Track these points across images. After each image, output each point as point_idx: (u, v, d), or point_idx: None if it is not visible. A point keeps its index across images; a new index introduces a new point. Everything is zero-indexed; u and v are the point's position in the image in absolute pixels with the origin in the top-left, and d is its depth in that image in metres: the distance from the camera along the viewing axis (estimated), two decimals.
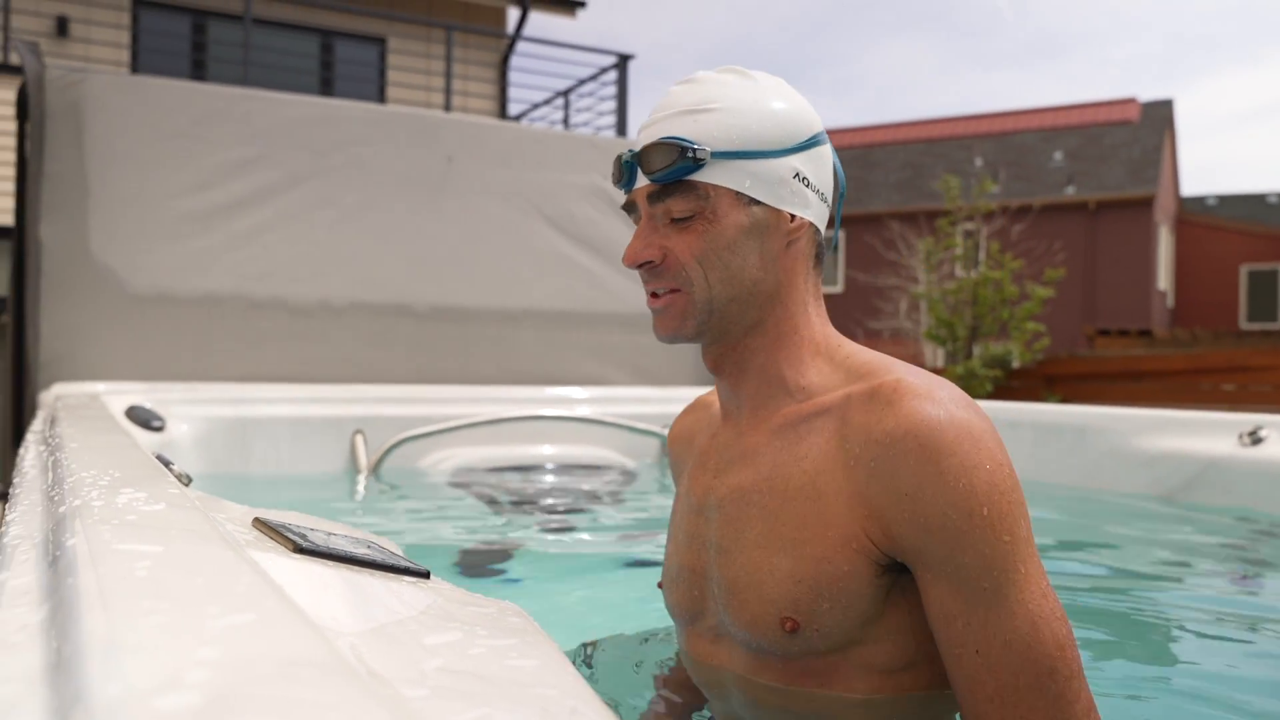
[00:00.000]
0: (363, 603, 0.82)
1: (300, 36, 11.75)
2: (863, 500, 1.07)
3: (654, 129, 1.17)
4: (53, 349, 3.77)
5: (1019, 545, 1.03)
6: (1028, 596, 1.03)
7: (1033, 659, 1.01)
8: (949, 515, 1.01)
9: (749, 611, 1.13)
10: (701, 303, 1.17)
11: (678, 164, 1.13)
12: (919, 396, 1.06)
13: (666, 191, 1.15)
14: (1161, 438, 3.35)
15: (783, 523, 1.12)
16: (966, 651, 1.03)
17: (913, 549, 1.05)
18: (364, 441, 3.73)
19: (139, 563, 0.60)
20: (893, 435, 1.05)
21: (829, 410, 1.14)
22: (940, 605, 1.04)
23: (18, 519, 0.90)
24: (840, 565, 1.07)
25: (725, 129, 1.14)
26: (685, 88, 1.19)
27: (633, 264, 1.18)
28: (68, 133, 3.85)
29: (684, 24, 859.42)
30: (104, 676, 0.41)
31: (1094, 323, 21.13)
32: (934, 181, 20.51)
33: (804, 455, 1.13)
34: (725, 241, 1.15)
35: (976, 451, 1.03)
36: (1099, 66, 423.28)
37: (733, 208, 1.15)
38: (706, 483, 1.25)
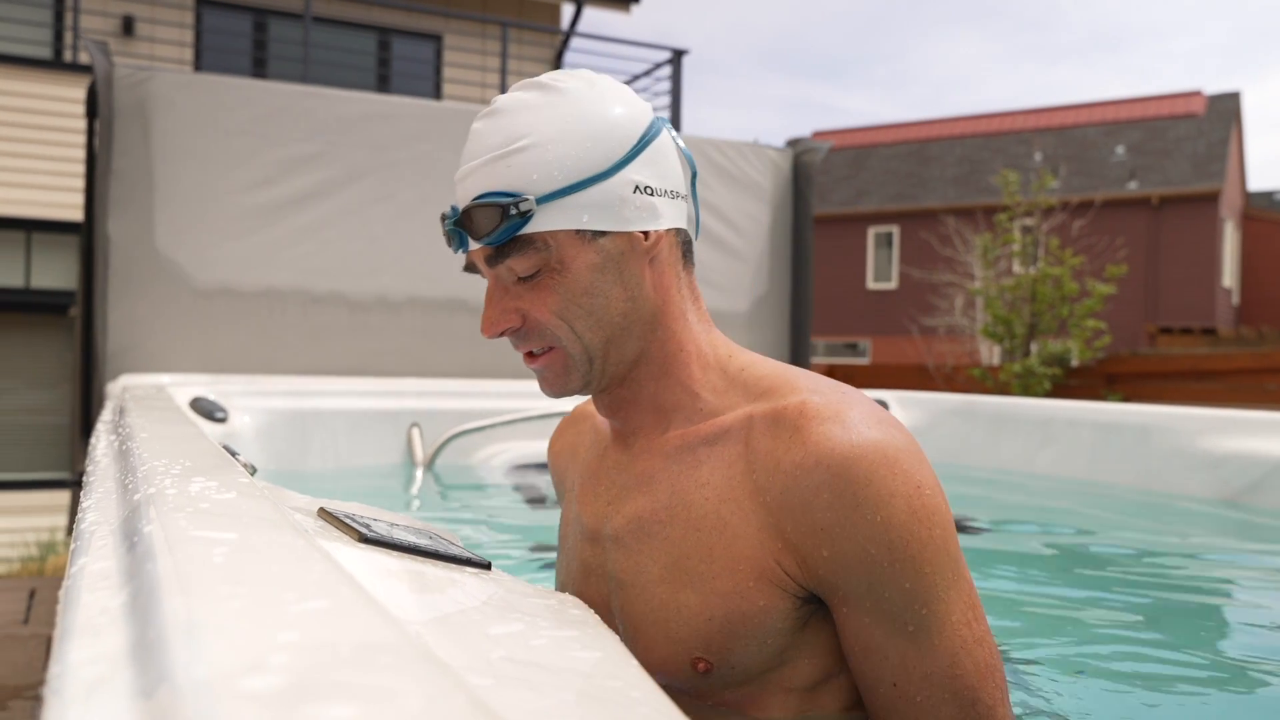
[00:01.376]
0: (427, 592, 0.83)
1: (358, 34, 11.89)
2: (775, 532, 0.99)
3: (469, 183, 1.06)
4: (120, 341, 3.86)
5: (943, 572, 0.97)
6: (950, 627, 0.97)
7: (954, 691, 0.97)
8: (868, 550, 0.95)
9: (657, 653, 1.05)
10: (578, 356, 1.08)
11: (504, 223, 1.02)
12: (826, 420, 0.98)
13: (502, 252, 1.05)
14: (1226, 438, 3.27)
15: (688, 556, 1.03)
16: (883, 683, 0.98)
17: (830, 583, 0.98)
18: (420, 435, 3.77)
19: (215, 549, 0.61)
20: (801, 466, 0.97)
21: (729, 432, 1.05)
22: (858, 638, 0.99)
23: (94, 506, 0.92)
24: (754, 600, 0.99)
25: (544, 167, 1.03)
26: (488, 124, 1.06)
27: (492, 334, 1.08)
28: (135, 130, 3.94)
29: (738, 18, 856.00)
30: (189, 658, 0.42)
31: (1156, 320, 20.72)
32: (992, 177, 20.24)
33: (705, 482, 1.04)
34: (581, 287, 1.06)
35: (893, 477, 0.95)
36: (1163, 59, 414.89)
37: (578, 249, 1.05)
38: (600, 510, 1.16)
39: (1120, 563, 2.48)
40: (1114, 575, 2.34)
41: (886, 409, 1.13)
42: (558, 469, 1.38)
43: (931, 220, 21.78)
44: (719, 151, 5.10)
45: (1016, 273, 13.65)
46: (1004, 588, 2.22)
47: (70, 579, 0.67)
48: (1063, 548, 2.75)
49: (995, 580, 2.29)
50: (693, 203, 1.15)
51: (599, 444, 1.22)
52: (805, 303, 5.31)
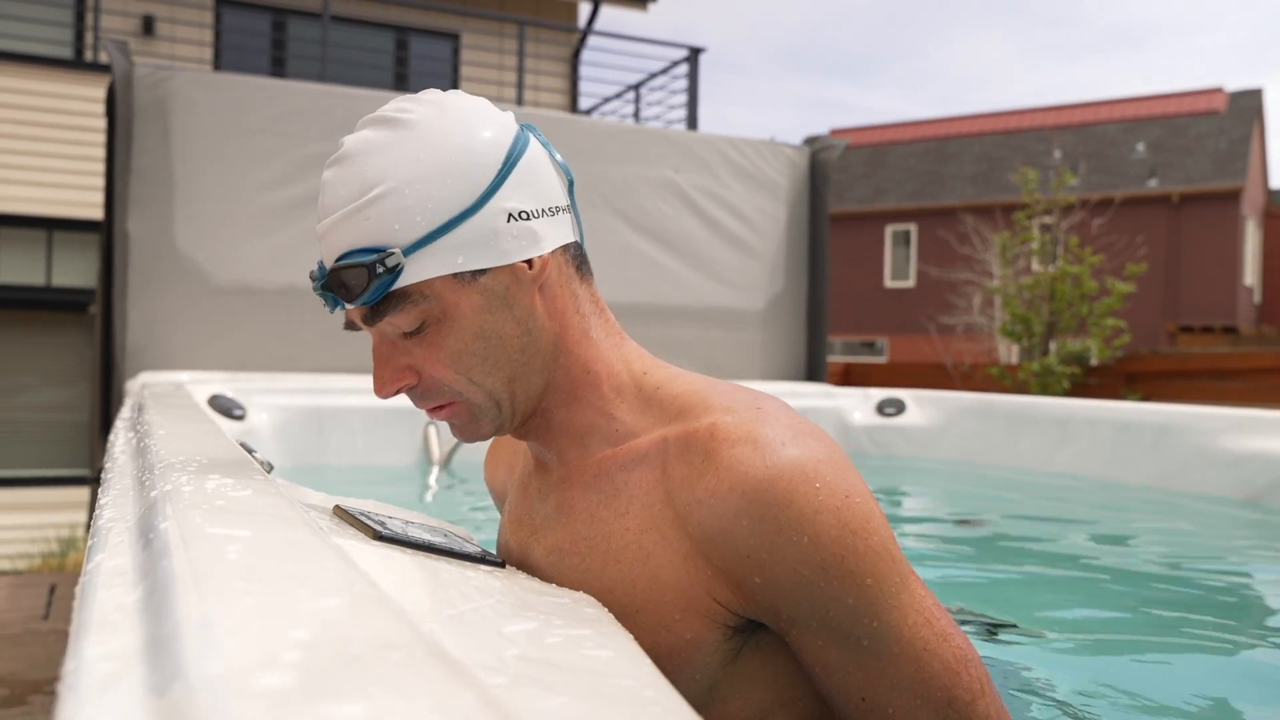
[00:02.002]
0: (441, 590, 0.83)
1: (376, 33, 11.94)
2: (703, 561, 0.93)
3: (330, 242, 0.99)
4: (139, 339, 3.89)
5: (886, 579, 0.92)
6: (907, 632, 0.92)
7: (926, 694, 0.93)
8: (801, 572, 0.89)
9: None
10: (483, 403, 1.03)
11: (373, 282, 0.95)
12: (737, 442, 0.92)
13: (379, 310, 0.98)
14: (1247, 438, 3.24)
15: (608, 589, 0.97)
16: (852, 699, 0.94)
17: (771, 607, 0.93)
18: (437, 433, 3.78)
19: (230, 546, 0.62)
20: (715, 494, 0.91)
21: (646, 456, 1.00)
22: (815, 659, 0.94)
23: (111, 502, 0.92)
24: (680, 634, 0.94)
25: (404, 214, 0.95)
26: (339, 172, 0.99)
27: (387, 395, 1.02)
28: (155, 129, 3.96)
29: (756, 16, 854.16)
30: (202, 655, 0.42)
31: (1177, 319, 20.57)
32: (1010, 174, 20.13)
33: (625, 510, 0.99)
34: (471, 333, 0.99)
35: (815, 494, 0.90)
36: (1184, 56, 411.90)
37: (459, 293, 0.98)
38: (523, 540, 1.11)
39: (1139, 562, 2.47)
40: (1132, 575, 2.33)
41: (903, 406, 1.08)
42: (495, 483, 1.34)
43: (950, 218, 21.69)
44: (735, 150, 5.09)
45: (1035, 271, 13.58)
46: (1021, 586, 2.21)
47: (86, 575, 0.67)
48: (1081, 547, 2.73)
49: (1012, 579, 2.28)
50: (574, 210, 1.08)
51: (527, 467, 1.17)
52: (821, 301, 5.30)
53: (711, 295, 4.93)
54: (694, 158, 4.98)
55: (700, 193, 4.95)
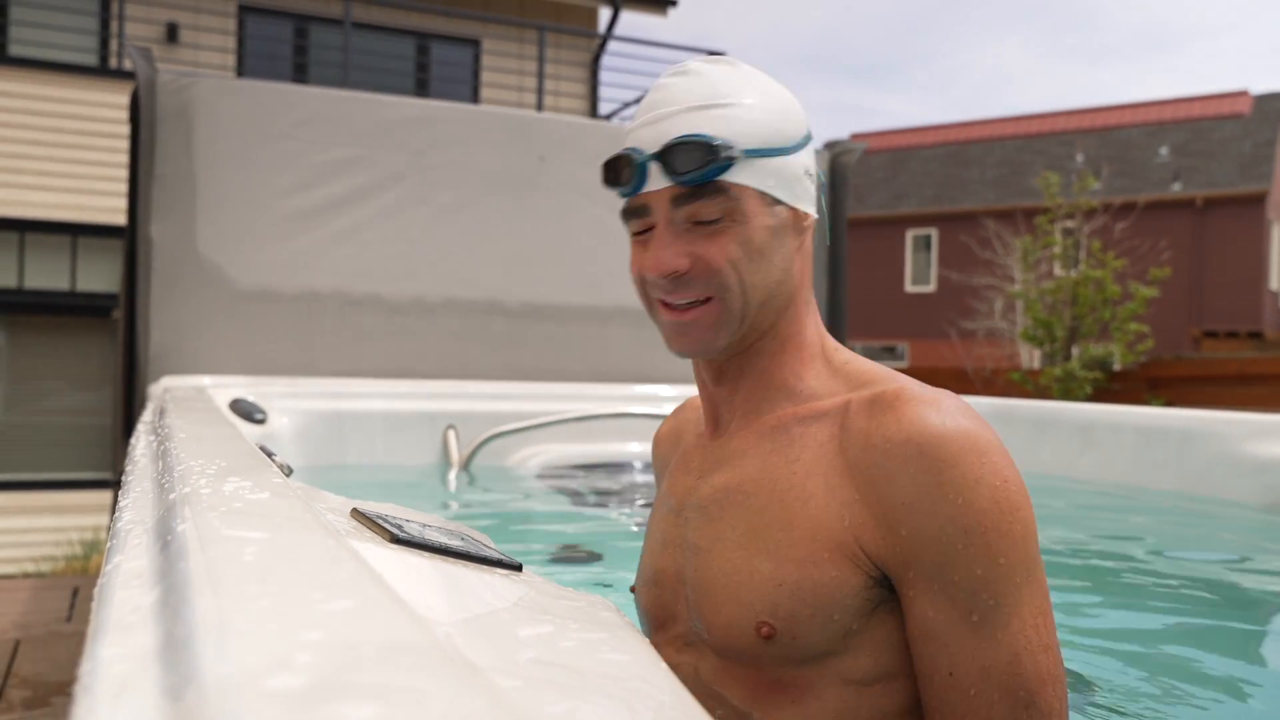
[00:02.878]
0: (457, 593, 0.83)
1: (397, 40, 11.99)
2: (858, 506, 1.01)
3: (667, 125, 1.07)
4: (161, 343, 3.92)
5: (1017, 569, 0.97)
6: (1017, 624, 0.97)
7: (1010, 690, 0.96)
8: (945, 530, 0.96)
9: (723, 615, 1.06)
10: (736, 310, 1.09)
11: (710, 164, 1.05)
12: (923, 403, 1.01)
13: (696, 193, 1.06)
14: (1272, 443, 3.21)
15: (767, 523, 1.05)
16: (939, 671, 0.98)
17: (902, 561, 0.99)
18: (456, 437, 3.79)
19: (246, 548, 0.62)
20: (893, 441, 1.00)
21: (826, 415, 1.08)
22: (921, 622, 0.99)
23: (130, 505, 0.93)
24: (827, 571, 1.00)
25: (747, 125, 1.07)
26: (685, 80, 1.10)
27: (662, 274, 1.08)
28: (178, 135, 3.99)
29: (776, 20, 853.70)
30: (215, 657, 0.42)
31: (1201, 324, 20.39)
32: (1032, 178, 20.02)
33: (796, 457, 1.07)
34: (756, 245, 1.08)
35: (981, 465, 0.97)
36: (1208, 59, 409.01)
37: (759, 208, 1.08)
38: (689, 484, 1.19)
39: (1163, 568, 2.44)
40: (1156, 581, 2.31)
41: None
42: (660, 453, 1.41)
43: (971, 223, 21.58)
44: None
45: (1057, 275, 13.50)
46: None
47: (104, 577, 0.68)
48: (1104, 553, 2.71)
49: None
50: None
51: (699, 429, 1.26)
52: (841, 305, 5.28)
53: None
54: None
55: None
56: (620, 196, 1.12)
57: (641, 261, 1.12)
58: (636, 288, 1.16)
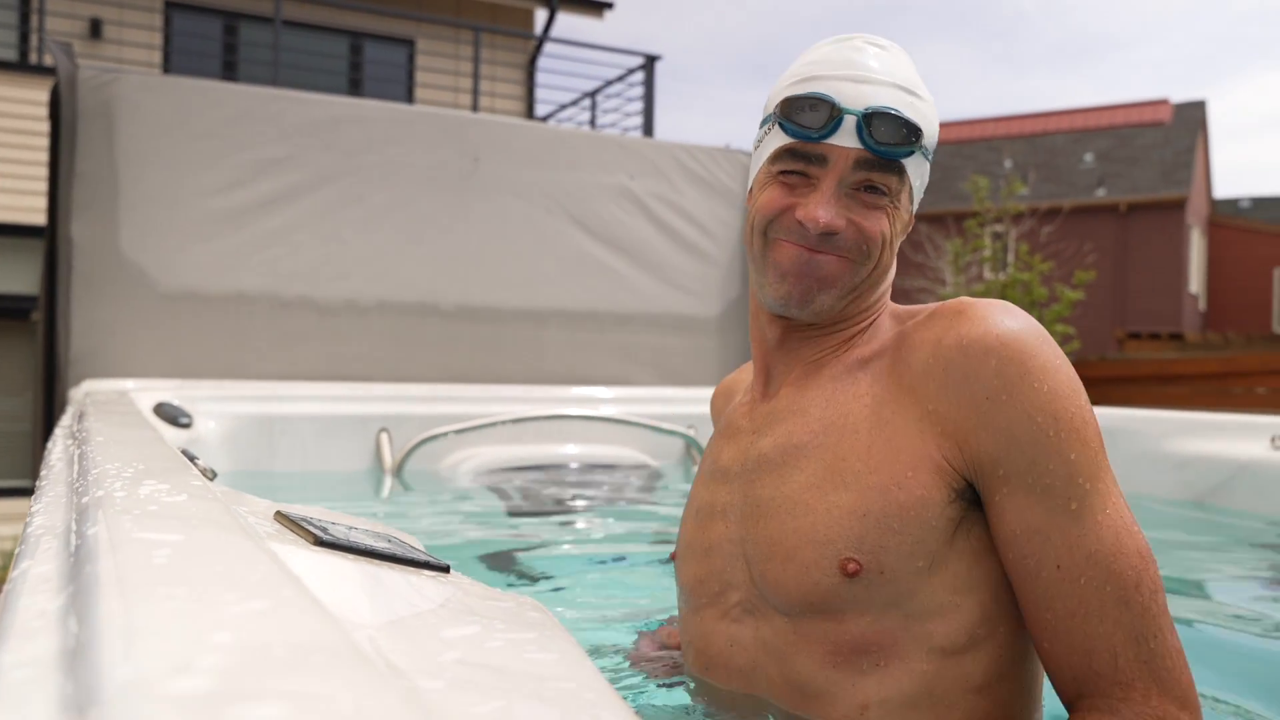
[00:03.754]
0: (382, 595, 0.82)
1: (330, 38, 11.83)
2: (934, 417, 1.01)
3: (872, 91, 1.08)
4: (83, 346, 3.81)
5: (1100, 451, 0.99)
6: (1113, 506, 0.97)
7: (1117, 571, 0.95)
8: (1035, 419, 0.96)
9: (797, 563, 1.03)
10: (860, 278, 1.12)
11: (906, 145, 1.07)
12: (989, 306, 1.03)
13: (881, 165, 1.08)
14: (1192, 441, 3.30)
15: (843, 458, 1.04)
16: (1046, 567, 0.96)
17: (991, 459, 0.98)
18: (389, 440, 3.75)
19: (158, 551, 0.60)
20: (967, 339, 1.00)
21: (885, 348, 1.11)
22: (1018, 520, 0.97)
23: (42, 510, 0.90)
24: (912, 490, 1.00)
25: (930, 126, 1.11)
26: (884, 54, 1.12)
27: (824, 228, 1.08)
28: (99, 132, 3.89)
29: (711, 25, 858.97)
30: (117, 661, 0.41)
31: (1124, 326, 20.93)
32: (962, 183, 20.38)
33: (864, 391, 1.08)
34: (898, 230, 1.13)
35: (1056, 355, 1.00)
36: (1131, 69, 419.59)
37: (907, 202, 1.13)
38: (742, 444, 1.17)
39: None
40: None
41: None
42: (716, 408, 1.41)
43: None
44: (691, 156, 5.10)
45: (987, 278, 13.75)
46: None
47: (10, 583, 0.65)
48: None
49: None
50: None
51: (741, 396, 1.27)
52: None
53: (667, 301, 4.93)
54: (649, 164, 4.98)
55: (656, 199, 4.95)
56: (790, 135, 1.10)
57: (786, 202, 1.11)
58: (757, 222, 1.14)
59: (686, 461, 4.18)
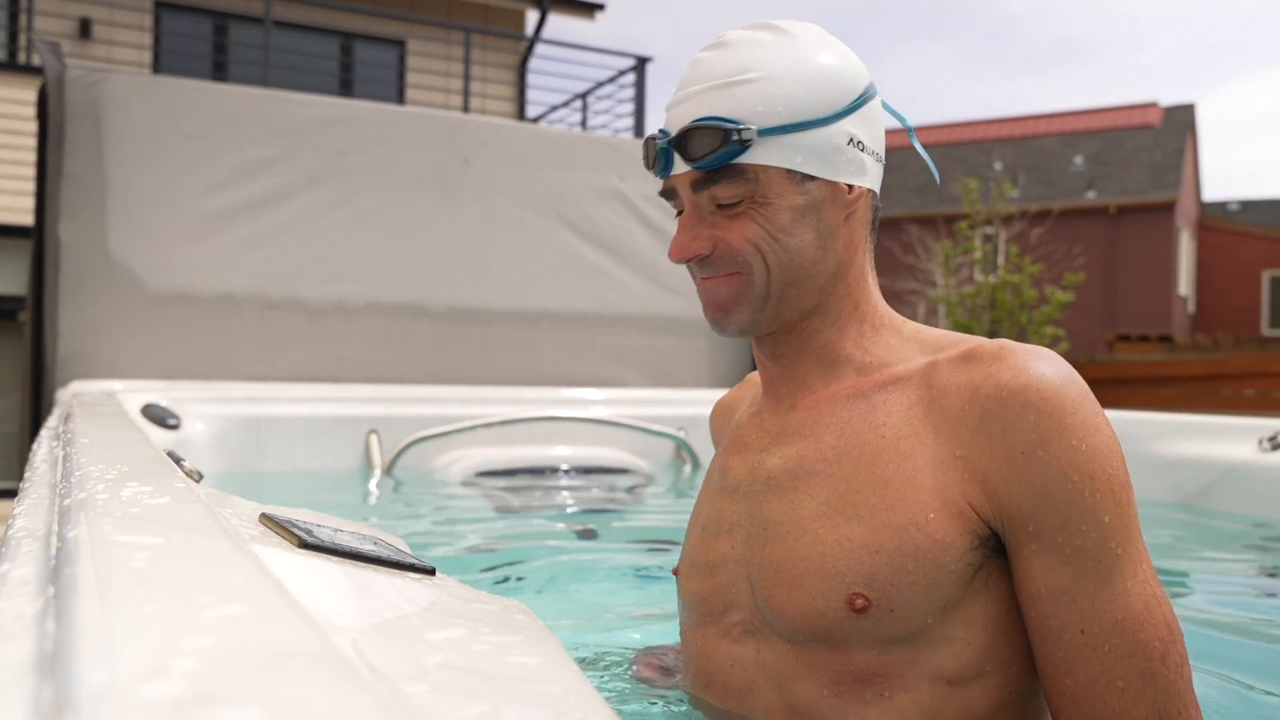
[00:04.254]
0: (366, 598, 0.81)
1: (320, 39, 11.81)
2: (962, 462, 0.97)
3: (689, 106, 1.05)
4: (70, 347, 3.79)
5: (1134, 516, 0.96)
6: (1143, 573, 0.94)
7: (1144, 642, 0.92)
8: (1070, 477, 0.93)
9: (804, 592, 1.00)
10: (759, 288, 1.06)
11: (721, 148, 1.02)
12: (1030, 354, 0.98)
13: (711, 178, 1.04)
14: (1180, 443, 3.31)
15: (857, 490, 1.00)
16: (1070, 630, 0.93)
17: (1021, 514, 0.94)
18: (378, 441, 3.74)
19: (138, 554, 0.60)
20: (1009, 389, 0.95)
21: (907, 379, 1.05)
22: (1045, 579, 0.94)
23: (24, 512, 0.90)
24: (931, 532, 0.95)
25: (770, 101, 1.03)
26: (716, 54, 1.07)
27: (681, 259, 1.07)
28: (87, 132, 3.87)
29: (702, 26, 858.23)
30: (92, 665, 0.40)
31: (1114, 328, 21.00)
32: (953, 185, 20.44)
33: (882, 422, 1.03)
34: (780, 225, 1.05)
35: (1097, 414, 0.95)
36: (1120, 71, 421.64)
37: (785, 187, 1.05)
38: (750, 460, 1.13)
39: None
40: None
41: None
42: (715, 425, 1.37)
43: (894, 228, 21.95)
44: None
45: (977, 280, 13.79)
46: None
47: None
48: None
49: None
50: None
51: (755, 405, 1.22)
52: None
53: (658, 303, 4.93)
54: (640, 165, 4.98)
55: (646, 200, 4.95)
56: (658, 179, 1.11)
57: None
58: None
59: (677, 464, 4.18)
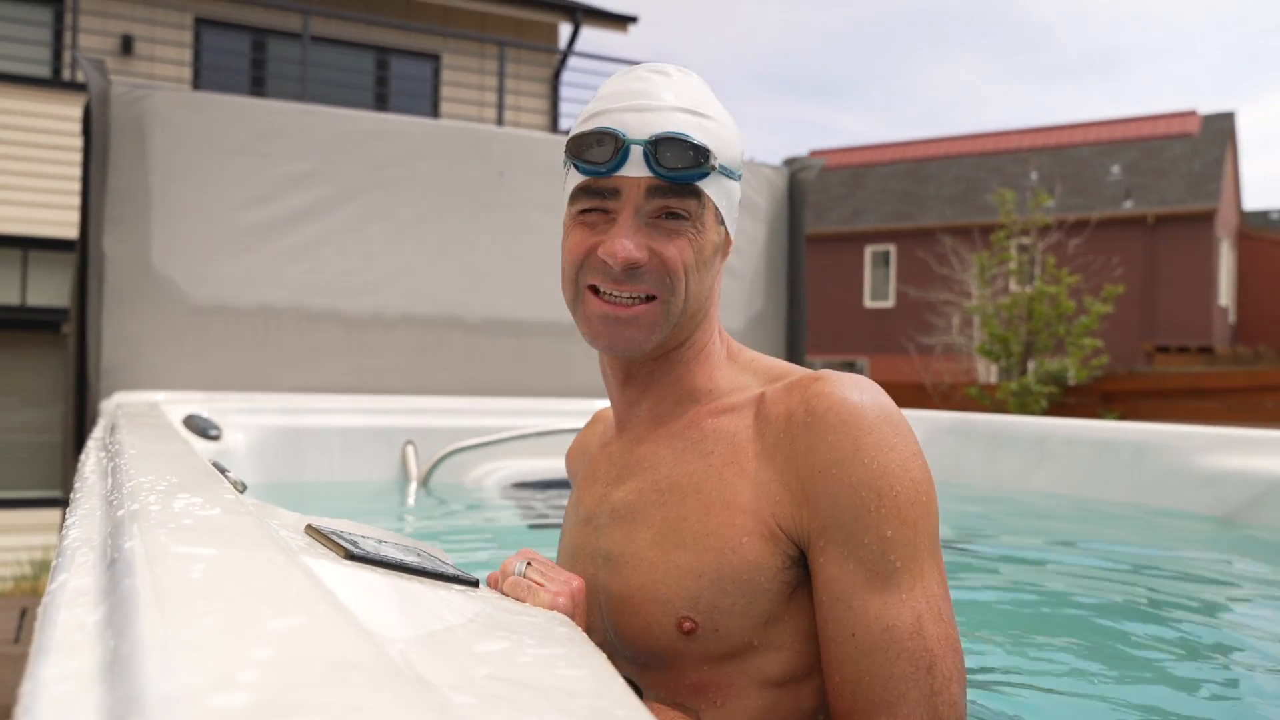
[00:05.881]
0: (412, 609, 0.82)
1: (357, 53, 11.94)
2: (775, 484, 1.04)
3: (656, 118, 1.08)
4: (114, 358, 3.85)
5: (923, 536, 1.00)
6: (921, 589, 0.99)
7: (911, 650, 0.97)
8: (860, 492, 0.99)
9: (641, 618, 1.07)
10: (674, 315, 1.11)
11: (694, 168, 1.07)
12: (842, 383, 1.05)
13: (673, 190, 1.08)
14: (1223, 456, 3.26)
15: (684, 519, 1.07)
16: (842, 633, 0.99)
17: (818, 526, 1.01)
18: (415, 452, 3.76)
19: (194, 565, 0.61)
20: (814, 414, 1.03)
21: (738, 408, 1.12)
22: (829, 583, 1.01)
23: (77, 523, 0.91)
24: (745, 554, 1.02)
25: (720, 143, 1.10)
26: (666, 80, 1.12)
27: (625, 261, 1.07)
28: (131, 148, 3.94)
29: (736, 38, 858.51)
30: (159, 675, 0.41)
31: (1153, 339, 20.74)
32: (988, 195, 20.29)
33: (710, 450, 1.10)
34: (703, 256, 1.11)
35: (895, 435, 1.02)
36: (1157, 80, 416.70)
37: (712, 223, 1.12)
38: (599, 493, 1.20)
39: (1116, 580, 2.47)
40: (1110, 593, 2.33)
41: None
42: (571, 468, 1.41)
43: (928, 239, 21.82)
44: None
45: (1013, 291, 13.67)
46: (999, 605, 2.21)
47: (49, 595, 0.66)
48: (1058, 565, 2.74)
49: (990, 597, 2.28)
50: None
51: (606, 435, 1.28)
52: (800, 320, 5.31)
53: None
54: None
55: None
56: (582, 173, 1.11)
57: (590, 243, 1.11)
58: (567, 269, 1.14)
59: None
